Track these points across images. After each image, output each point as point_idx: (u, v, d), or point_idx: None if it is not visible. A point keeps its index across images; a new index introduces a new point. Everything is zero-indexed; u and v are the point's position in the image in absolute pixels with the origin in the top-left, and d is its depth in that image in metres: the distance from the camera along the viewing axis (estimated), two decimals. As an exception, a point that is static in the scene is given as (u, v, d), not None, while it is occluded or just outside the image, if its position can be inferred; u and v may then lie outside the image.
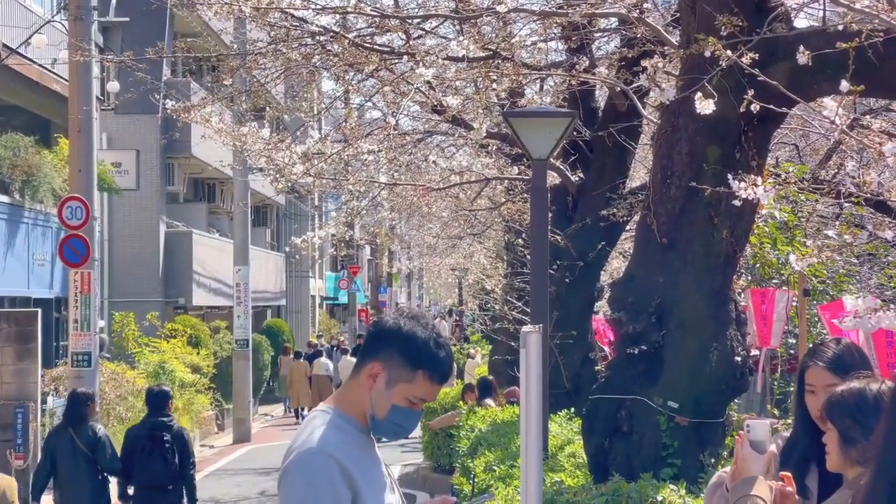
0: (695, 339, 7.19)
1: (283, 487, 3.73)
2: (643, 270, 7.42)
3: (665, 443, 7.11)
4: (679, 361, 7.19)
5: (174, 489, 11.23)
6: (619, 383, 7.38)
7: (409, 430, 3.94)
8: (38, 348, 17.18)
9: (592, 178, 13.15)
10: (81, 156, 17.26)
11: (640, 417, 7.19)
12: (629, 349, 7.28)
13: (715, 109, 6.41)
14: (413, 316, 3.89)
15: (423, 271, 76.30)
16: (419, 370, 3.79)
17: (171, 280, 29.50)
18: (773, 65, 6.65)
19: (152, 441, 11.11)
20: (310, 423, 3.83)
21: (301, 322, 45.77)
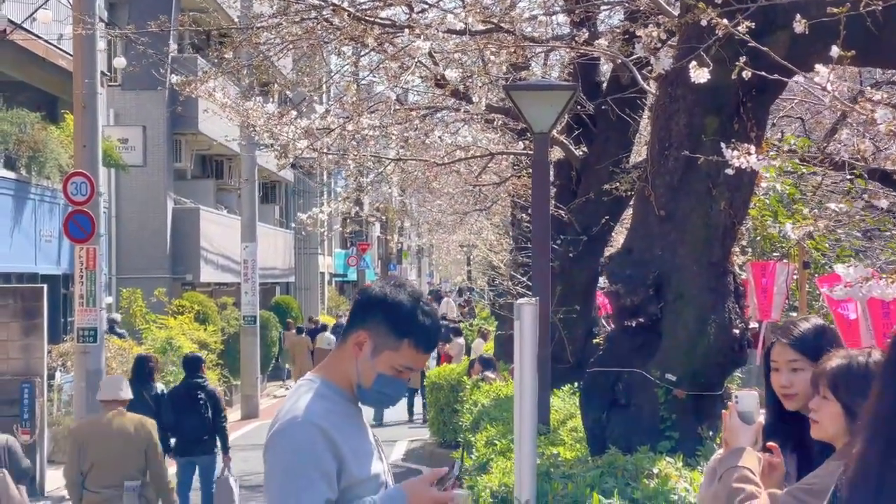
0: (693, 311, 7.15)
1: (268, 456, 3.73)
2: (641, 243, 7.38)
3: (663, 416, 7.08)
4: (677, 334, 7.16)
5: (209, 439, 13.19)
6: (616, 356, 7.35)
7: (395, 398, 3.93)
8: (44, 324, 17.21)
9: (596, 152, 13.10)
10: (86, 131, 17.24)
11: (638, 390, 7.16)
12: (627, 322, 7.26)
13: (713, 79, 6.37)
14: (399, 284, 3.88)
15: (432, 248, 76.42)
16: (405, 338, 3.78)
17: (179, 256, 29.52)
18: (771, 34, 6.60)
19: (190, 399, 13.04)
20: (295, 392, 3.82)
21: (310, 299, 45.80)
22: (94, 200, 16.85)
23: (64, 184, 16.93)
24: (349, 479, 3.69)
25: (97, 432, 9.70)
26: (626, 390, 7.20)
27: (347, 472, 3.69)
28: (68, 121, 23.12)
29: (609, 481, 6.02)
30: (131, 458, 9.57)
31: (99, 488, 9.51)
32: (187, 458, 13.31)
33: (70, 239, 16.85)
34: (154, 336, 23.80)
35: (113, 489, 9.49)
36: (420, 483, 3.81)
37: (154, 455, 9.71)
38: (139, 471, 9.61)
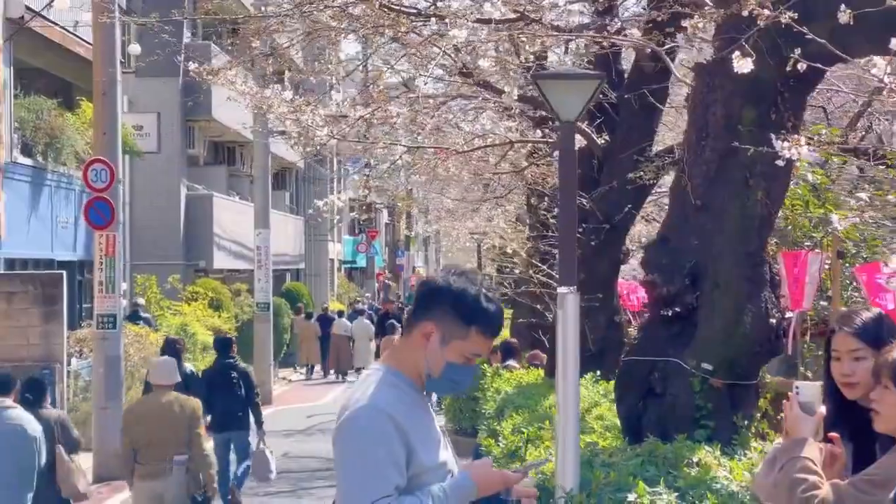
0: (729, 300, 7.18)
1: (339, 444, 3.76)
2: (677, 232, 7.42)
3: (699, 404, 7.12)
4: (713, 323, 7.19)
5: (243, 415, 13.89)
6: (652, 345, 7.39)
7: (465, 385, 3.98)
8: (63, 310, 17.29)
9: (619, 140, 13.10)
10: (106, 118, 17.30)
11: (674, 379, 7.20)
12: (663, 311, 7.29)
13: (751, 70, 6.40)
14: (461, 273, 3.92)
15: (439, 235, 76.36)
16: (472, 326, 3.82)
17: (192, 243, 29.59)
18: (812, 24, 6.61)
19: (223, 378, 13.71)
20: (364, 381, 3.87)
21: (320, 285, 45.86)
22: (114, 187, 16.92)
23: (84, 170, 16.99)
24: (417, 466, 3.74)
25: (148, 412, 10.34)
26: (661, 379, 7.24)
27: (416, 460, 3.74)
28: (84, 107, 23.21)
29: (650, 470, 6.07)
30: (179, 435, 10.19)
31: (150, 462, 10.16)
32: (223, 433, 13.91)
33: (90, 225, 16.92)
34: (169, 322, 23.89)
35: (162, 463, 10.12)
36: (485, 466, 3.87)
37: (196, 436, 10.29)
38: (186, 447, 10.21)
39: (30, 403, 9.77)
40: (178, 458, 10.16)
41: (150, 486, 10.19)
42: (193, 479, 10.29)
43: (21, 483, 9.24)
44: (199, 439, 10.30)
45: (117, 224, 17.00)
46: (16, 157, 20.03)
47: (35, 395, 9.99)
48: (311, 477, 17.40)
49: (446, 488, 3.75)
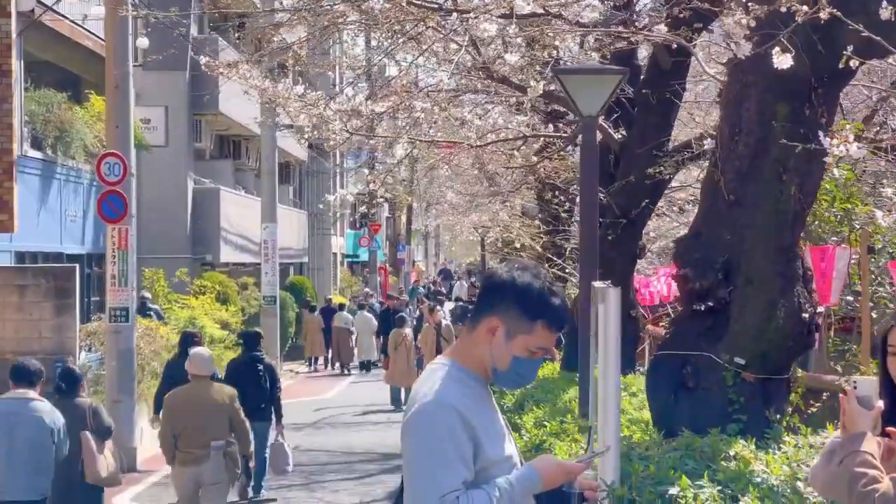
0: (762, 295, 7.21)
1: (407, 440, 3.79)
2: (710, 227, 7.44)
3: (731, 398, 7.15)
4: (746, 318, 7.22)
5: (266, 408, 14.23)
6: (684, 340, 7.41)
7: (531, 379, 4.00)
8: (76, 303, 17.27)
9: (635, 135, 13.14)
10: (119, 112, 17.31)
11: (707, 373, 7.23)
12: (696, 306, 7.31)
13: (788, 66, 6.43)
14: (524, 266, 3.93)
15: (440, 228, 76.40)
16: (538, 321, 3.84)
17: (199, 237, 29.59)
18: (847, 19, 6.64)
19: (250, 370, 14.12)
20: (430, 376, 3.88)
21: (323, 279, 45.88)
22: (127, 181, 16.93)
23: (97, 164, 17.01)
24: (484, 460, 3.76)
25: (187, 400, 10.92)
26: (694, 373, 7.27)
27: (483, 454, 3.76)
28: (93, 101, 23.21)
29: (689, 463, 6.09)
30: (217, 422, 10.86)
31: (189, 448, 10.80)
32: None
33: (104, 219, 16.94)
34: (177, 316, 23.88)
35: (201, 449, 10.78)
36: (549, 458, 3.89)
37: (238, 420, 11.02)
38: (223, 433, 10.87)
39: (64, 393, 10.34)
40: (216, 444, 10.81)
41: (189, 471, 10.85)
42: (231, 462, 10.95)
43: (40, 471, 9.58)
44: (241, 426, 11.08)
45: (130, 217, 17.03)
46: (26, 150, 20.03)
47: (69, 385, 10.46)
48: (323, 470, 17.44)
49: (512, 480, 3.77)
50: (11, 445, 9.42)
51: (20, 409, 9.49)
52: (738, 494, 5.56)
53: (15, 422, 9.46)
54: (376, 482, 16.29)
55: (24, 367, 9.81)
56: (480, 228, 38.47)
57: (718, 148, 7.36)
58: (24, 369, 9.77)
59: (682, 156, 12.15)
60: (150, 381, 20.02)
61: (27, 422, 9.48)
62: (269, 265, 27.76)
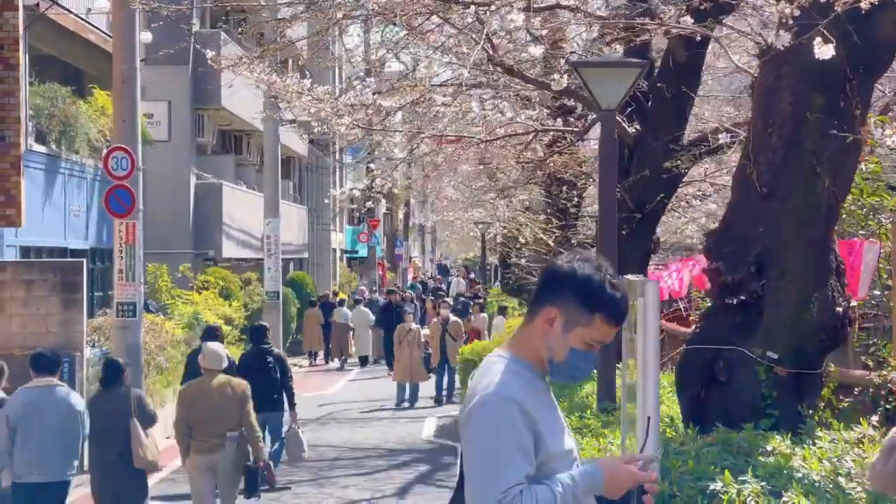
0: (795, 288, 7.14)
1: (467, 432, 3.71)
2: (741, 220, 7.37)
3: (764, 393, 7.09)
4: (779, 311, 7.15)
5: (278, 398, 14.67)
6: (714, 334, 7.34)
7: (587, 372, 3.93)
8: (83, 298, 17.21)
9: (650, 129, 13.06)
10: (125, 106, 17.21)
11: (739, 368, 7.16)
12: (727, 299, 7.24)
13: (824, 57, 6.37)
14: (585, 258, 3.86)
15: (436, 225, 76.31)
16: (596, 313, 3.77)
17: (201, 232, 29.49)
18: (882, 11, 6.57)
19: (260, 362, 14.49)
20: (488, 368, 3.81)
21: (322, 275, 45.77)
22: (134, 175, 16.84)
23: (105, 158, 16.92)
24: (545, 453, 3.69)
25: (201, 393, 11.28)
26: (726, 368, 7.19)
27: (544, 447, 3.69)
28: (97, 95, 23.11)
29: (728, 458, 6.02)
30: (230, 413, 11.19)
31: (204, 438, 11.15)
32: (259, 415, 14.15)
33: (111, 214, 16.83)
34: (181, 311, 23.80)
35: (216, 439, 11.14)
36: (617, 461, 3.81)
37: (247, 412, 11.29)
38: (237, 424, 11.21)
39: (108, 383, 10.91)
40: (231, 435, 11.17)
41: (204, 459, 11.21)
42: (243, 452, 11.31)
43: (69, 453, 10.20)
44: (249, 416, 11.28)
45: (137, 212, 16.94)
46: (31, 144, 19.92)
47: (114, 376, 10.94)
48: (331, 466, 17.37)
49: (575, 477, 3.70)
50: (41, 430, 9.97)
51: (46, 396, 10.10)
52: (781, 490, 5.49)
53: (42, 408, 10.02)
54: (385, 478, 16.22)
55: (44, 356, 10.44)
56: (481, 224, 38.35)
57: (751, 140, 7.29)
58: (44, 358, 10.39)
59: (698, 149, 12.07)
60: (156, 377, 19.96)
61: (54, 407, 10.06)
62: (271, 260, 27.67)
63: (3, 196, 17.32)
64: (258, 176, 35.76)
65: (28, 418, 10.04)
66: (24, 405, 10.11)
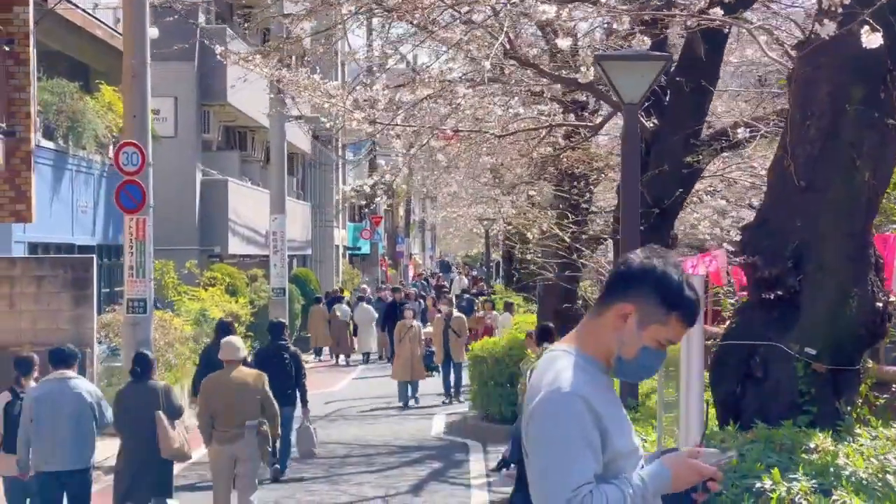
0: (834, 283, 7.04)
1: (533, 428, 3.61)
2: (778, 213, 7.27)
3: (801, 389, 6.99)
4: (817, 307, 7.05)
5: (291, 393, 14.91)
6: (750, 329, 7.24)
7: (654, 372, 3.83)
8: (94, 294, 17.16)
9: (668, 124, 12.96)
10: (136, 101, 17.10)
11: (776, 364, 7.06)
12: (764, 294, 7.13)
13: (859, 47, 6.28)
14: (662, 255, 3.77)
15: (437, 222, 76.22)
16: (673, 312, 3.69)
17: (207, 229, 29.39)
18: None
19: (276, 358, 14.78)
20: (552, 363, 3.70)
21: (325, 272, 45.70)
22: (145, 171, 16.75)
23: (116, 154, 16.82)
24: (612, 452, 3.60)
25: (222, 384, 11.75)
26: (762, 364, 7.09)
27: (611, 445, 3.59)
28: (103, 91, 23.02)
29: (772, 456, 5.92)
30: (250, 404, 11.67)
31: (225, 427, 11.64)
32: None
33: (122, 209, 16.73)
34: (187, 308, 23.71)
35: (236, 428, 11.63)
36: (681, 457, 3.72)
37: (269, 402, 11.79)
38: (256, 413, 11.67)
39: (138, 376, 11.25)
40: (250, 423, 11.63)
41: (225, 448, 11.70)
42: (263, 440, 11.77)
43: (85, 442, 10.61)
44: (272, 407, 11.81)
45: (148, 207, 16.84)
46: (38, 140, 19.83)
47: (144, 369, 11.28)
48: (342, 463, 17.27)
49: (644, 478, 3.61)
50: (54, 421, 10.40)
51: (62, 388, 10.50)
52: (830, 488, 5.39)
53: (59, 400, 10.44)
54: (399, 475, 16.12)
55: (61, 351, 10.89)
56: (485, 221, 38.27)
57: (788, 132, 7.18)
58: (60, 353, 10.84)
59: (719, 144, 11.97)
60: (165, 373, 19.86)
61: (70, 399, 10.48)
62: (277, 257, 27.55)
63: (14, 192, 17.22)
64: (262, 172, 35.66)
65: (42, 410, 10.45)
66: (37, 397, 10.53)
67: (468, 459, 17.48)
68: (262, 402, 11.73)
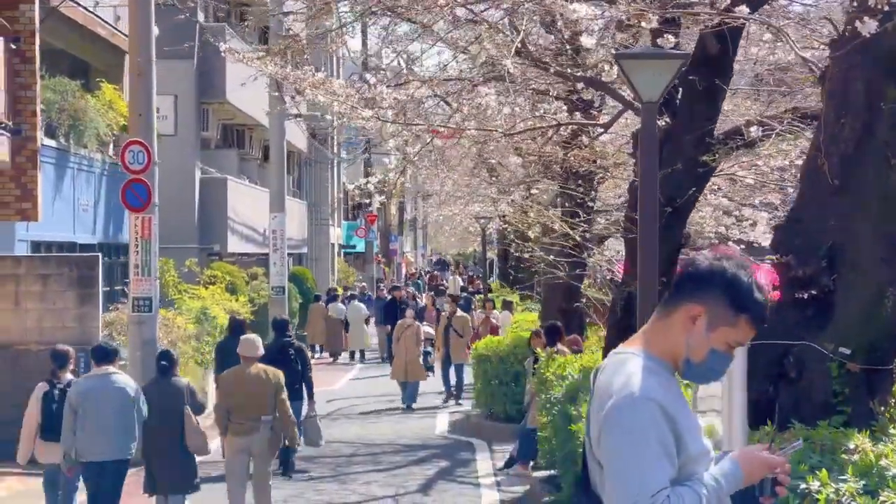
0: (868, 283, 7.02)
1: (608, 435, 3.57)
2: (811, 213, 7.25)
3: (835, 389, 6.97)
4: (851, 306, 7.03)
5: (298, 387, 15.21)
6: (782, 328, 7.21)
7: (721, 375, 3.79)
8: (99, 293, 17.10)
9: (681, 122, 12.91)
10: (142, 100, 17.08)
11: (810, 363, 7.04)
12: (797, 294, 7.11)
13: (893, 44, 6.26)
14: (731, 256, 3.74)
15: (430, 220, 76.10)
16: (743, 314, 3.66)
17: (206, 227, 29.32)
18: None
19: (281, 354, 15.01)
20: (621, 366, 3.66)
21: (321, 270, 45.62)
22: (151, 169, 16.69)
23: (122, 152, 16.77)
24: (686, 455, 3.57)
25: (239, 379, 12.15)
26: (796, 364, 7.07)
27: (685, 448, 3.56)
28: (104, 89, 22.94)
29: (813, 456, 5.89)
30: (265, 398, 12.07)
31: (241, 421, 12.04)
32: None
33: (128, 208, 16.68)
34: (188, 306, 23.64)
35: (252, 422, 12.02)
36: (751, 451, 3.70)
37: (282, 398, 12.13)
38: (272, 408, 12.07)
39: (164, 373, 11.71)
40: (265, 419, 12.03)
41: (241, 441, 12.09)
42: (277, 435, 12.21)
43: (126, 434, 11.09)
44: (284, 404, 12.12)
45: (153, 206, 16.79)
46: (41, 138, 19.75)
47: (169, 366, 11.78)
48: (349, 462, 17.24)
49: (718, 477, 3.59)
50: (97, 414, 10.92)
51: (105, 383, 11.05)
52: (876, 489, 5.36)
53: (98, 394, 10.98)
54: (407, 474, 16.09)
55: (103, 348, 11.47)
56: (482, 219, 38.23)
57: (822, 131, 7.16)
58: (103, 349, 11.41)
59: (735, 143, 11.95)
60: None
61: (112, 393, 11.02)
62: (277, 255, 27.49)
63: (20, 190, 17.15)
64: (260, 170, 35.61)
65: (86, 403, 10.97)
66: (80, 392, 11.06)
67: (475, 458, 17.45)
68: (276, 398, 12.07)
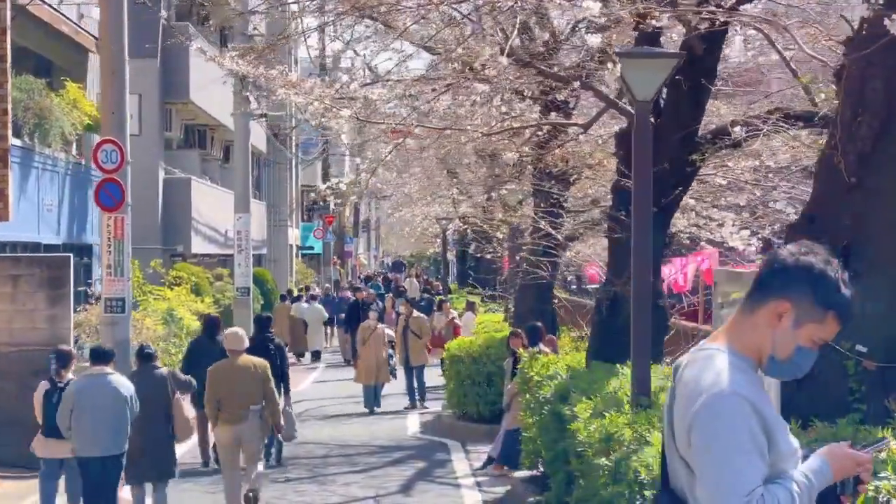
0: (885, 281, 7.00)
1: (699, 434, 3.50)
2: (826, 211, 7.23)
3: (852, 388, 6.95)
4: (868, 304, 7.00)
5: (277, 382, 14.95)
6: (797, 327, 7.17)
7: (806, 370, 3.74)
8: (70, 294, 16.87)
9: (666, 122, 12.91)
10: (114, 98, 16.83)
11: (826, 361, 7.00)
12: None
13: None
14: (817, 252, 3.68)
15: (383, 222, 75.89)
16: (830, 310, 3.61)
17: (170, 228, 29.08)
18: None
19: (263, 349, 15.25)
20: (708, 363, 3.60)
21: (280, 271, 45.40)
22: (124, 168, 16.49)
23: (94, 151, 16.56)
24: (776, 453, 3.52)
25: (227, 371, 12.81)
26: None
27: (775, 447, 3.51)
28: (69, 88, 22.71)
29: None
30: (253, 389, 12.77)
31: (230, 410, 12.71)
32: None
33: (101, 208, 16.45)
34: (154, 307, 23.45)
35: (241, 411, 12.71)
36: (839, 448, 3.66)
37: (269, 388, 12.88)
38: (260, 397, 12.79)
39: (148, 358, 12.62)
40: (254, 408, 12.73)
41: (230, 429, 12.73)
42: (265, 423, 12.93)
43: (120, 431, 11.56)
44: (272, 393, 12.91)
45: (126, 206, 16.57)
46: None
47: (148, 358, 12.65)
48: (324, 463, 17.15)
49: (808, 474, 3.54)
50: (93, 412, 11.42)
51: (100, 383, 11.57)
52: (911, 488, 5.33)
53: (94, 393, 11.51)
54: (384, 475, 16.00)
55: (100, 349, 12.09)
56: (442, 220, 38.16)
57: (838, 129, 7.13)
58: (100, 351, 12.02)
59: (723, 143, 11.95)
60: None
61: (107, 392, 11.51)
62: (242, 256, 27.32)
63: (-8, 190, 16.92)
64: (222, 171, 35.38)
65: (82, 401, 11.51)
66: (77, 390, 11.62)
67: (451, 459, 17.38)
68: (264, 388, 12.73)
